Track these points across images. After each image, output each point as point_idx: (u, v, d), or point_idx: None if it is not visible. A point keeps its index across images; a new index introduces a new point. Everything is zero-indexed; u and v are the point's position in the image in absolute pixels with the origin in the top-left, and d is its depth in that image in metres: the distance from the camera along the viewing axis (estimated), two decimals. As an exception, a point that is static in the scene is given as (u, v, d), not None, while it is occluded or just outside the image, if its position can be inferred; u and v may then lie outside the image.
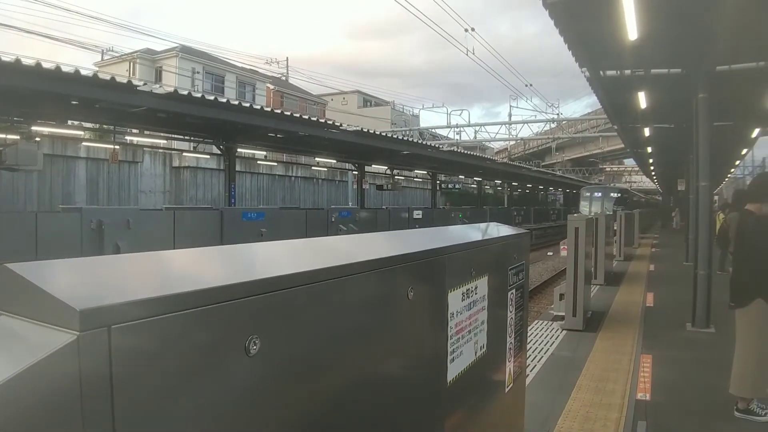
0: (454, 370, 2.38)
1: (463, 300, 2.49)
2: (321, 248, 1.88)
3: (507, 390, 3.21)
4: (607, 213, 16.33)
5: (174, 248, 1.41)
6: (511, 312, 3.29)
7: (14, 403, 0.79)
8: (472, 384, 2.60)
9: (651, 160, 30.90)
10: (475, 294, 2.65)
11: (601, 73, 10.97)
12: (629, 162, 66.67)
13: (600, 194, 37.72)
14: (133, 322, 0.93)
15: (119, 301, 0.93)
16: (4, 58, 10.10)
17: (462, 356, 2.48)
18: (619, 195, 37.92)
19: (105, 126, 17.57)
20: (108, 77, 12.22)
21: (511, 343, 3.29)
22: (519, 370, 3.47)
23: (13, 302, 0.96)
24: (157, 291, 1.00)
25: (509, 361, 3.26)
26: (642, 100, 12.49)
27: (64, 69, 10.99)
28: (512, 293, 3.30)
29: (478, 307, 2.70)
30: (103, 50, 39.88)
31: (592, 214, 28.42)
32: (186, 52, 39.88)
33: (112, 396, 0.90)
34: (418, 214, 27.24)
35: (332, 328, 1.48)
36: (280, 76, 51.02)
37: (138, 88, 12.72)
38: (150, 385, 0.96)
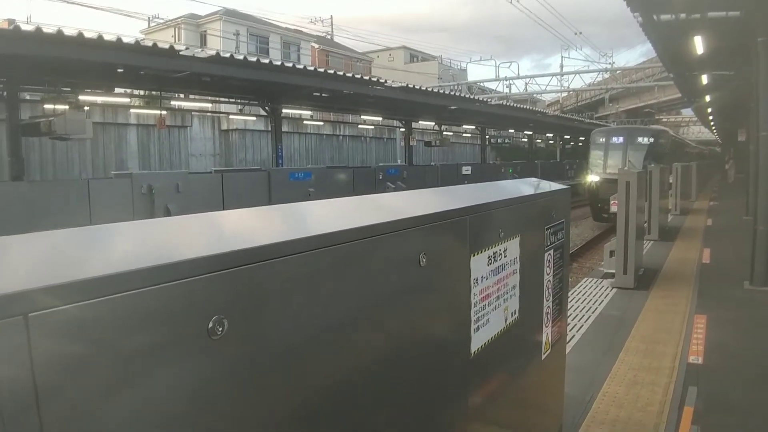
0: (479, 340, 2.23)
1: (489, 264, 2.32)
2: (312, 214, 1.71)
3: (544, 357, 3.04)
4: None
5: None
6: (548, 274, 3.10)
7: None
8: (501, 353, 2.44)
9: (709, 110, 29.49)
10: (504, 257, 2.47)
11: (655, 17, 10.41)
12: (687, 112, 63.92)
13: (621, 139, 23.26)
14: (56, 308, 0.81)
15: (39, 286, 0.80)
16: (46, 30, 10.23)
17: (489, 324, 2.32)
18: (653, 140, 22.95)
19: (153, 93, 17.80)
20: (150, 44, 12.27)
21: (548, 307, 3.11)
22: (558, 335, 3.29)
23: None
24: (84, 272, 0.87)
25: (546, 327, 3.08)
26: (698, 45, 11.83)
27: (107, 38, 11.05)
28: (550, 254, 3.11)
29: (508, 271, 2.53)
30: (149, 17, 40.29)
31: (606, 174, 21.96)
32: (230, 14, 39.84)
33: (37, 399, 0.78)
34: (466, 170, 26.88)
35: (322, 303, 1.34)
36: (324, 34, 50.58)
37: (180, 52, 12.75)
38: (82, 384, 0.84)
